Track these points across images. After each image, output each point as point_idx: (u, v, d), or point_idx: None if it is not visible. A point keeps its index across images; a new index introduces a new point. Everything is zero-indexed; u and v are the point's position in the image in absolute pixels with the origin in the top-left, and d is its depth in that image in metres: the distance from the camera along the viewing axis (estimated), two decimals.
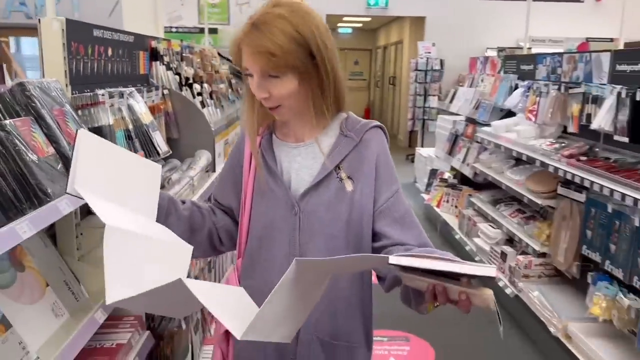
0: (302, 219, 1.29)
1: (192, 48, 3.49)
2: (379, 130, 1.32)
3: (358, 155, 1.28)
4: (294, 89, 1.21)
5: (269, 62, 1.16)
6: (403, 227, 1.28)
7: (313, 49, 1.19)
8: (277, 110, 1.26)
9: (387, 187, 1.30)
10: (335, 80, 1.24)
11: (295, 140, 1.34)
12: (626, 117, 2.82)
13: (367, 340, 1.39)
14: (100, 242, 1.93)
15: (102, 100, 1.83)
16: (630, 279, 2.67)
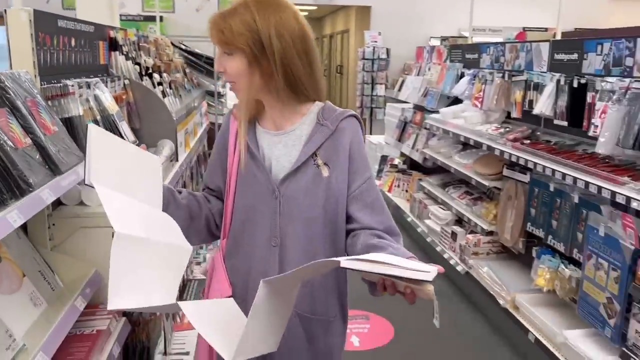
0: (282, 203, 1.38)
1: (147, 37, 3.47)
2: (354, 119, 1.42)
3: (333, 142, 1.38)
4: (243, 69, 1.33)
5: (219, 39, 1.33)
6: (372, 213, 1.39)
7: (264, 40, 1.30)
8: (234, 88, 1.40)
9: (360, 174, 1.40)
10: (288, 74, 1.33)
11: (275, 129, 1.43)
12: (565, 103, 3.05)
13: (342, 314, 1.49)
14: (73, 232, 1.96)
15: (72, 91, 1.84)
16: (571, 251, 2.91)
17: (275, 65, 1.32)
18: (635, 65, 2.65)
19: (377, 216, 1.39)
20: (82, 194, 1.94)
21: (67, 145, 1.71)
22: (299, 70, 1.35)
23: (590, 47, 3.01)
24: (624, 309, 2.41)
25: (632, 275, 2.34)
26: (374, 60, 9.25)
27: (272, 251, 1.40)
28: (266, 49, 1.31)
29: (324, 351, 1.43)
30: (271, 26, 1.31)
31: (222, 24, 1.32)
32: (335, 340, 1.45)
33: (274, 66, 1.32)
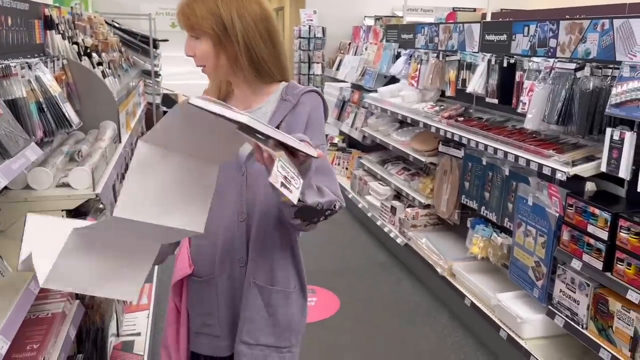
0: (248, 178, 1.43)
1: (81, 15, 3.35)
2: (315, 94, 1.47)
3: (294, 115, 1.44)
4: (209, 52, 1.39)
5: (185, 23, 1.39)
6: (317, 173, 1.38)
7: (226, 22, 1.36)
8: (204, 71, 1.44)
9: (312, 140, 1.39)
10: (252, 55, 1.39)
11: (243, 108, 1.47)
12: (496, 82, 3.24)
13: (301, 286, 1.56)
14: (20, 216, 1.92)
15: (15, 72, 1.78)
16: (502, 220, 3.13)
17: (238, 47, 1.38)
18: (558, 47, 2.86)
19: (322, 176, 1.39)
20: (29, 177, 1.90)
21: (12, 127, 1.67)
22: (262, 51, 1.40)
23: (518, 29, 3.20)
24: (549, 271, 2.64)
25: (557, 240, 2.56)
26: (310, 39, 9.26)
27: (239, 226, 1.45)
28: (229, 31, 1.36)
29: (283, 322, 1.50)
30: (233, 9, 1.36)
31: (187, 10, 1.37)
32: (294, 312, 1.53)
33: (237, 47, 1.38)
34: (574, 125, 2.52)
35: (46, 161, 2.05)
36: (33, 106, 1.89)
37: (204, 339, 1.54)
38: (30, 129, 1.84)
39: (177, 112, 1.09)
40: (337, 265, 4.17)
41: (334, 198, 1.34)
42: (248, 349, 1.46)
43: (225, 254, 1.47)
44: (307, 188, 1.25)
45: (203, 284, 1.51)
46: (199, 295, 1.52)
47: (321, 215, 1.34)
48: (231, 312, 1.50)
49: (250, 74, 1.43)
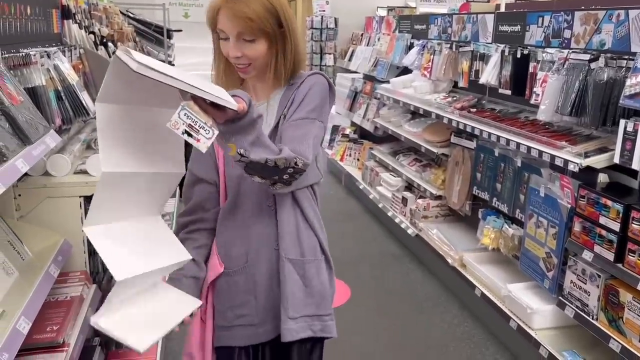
0: None
1: (97, 5, 3.39)
2: (319, 75, 1.50)
3: (296, 93, 1.47)
4: (264, 51, 1.40)
5: (246, 26, 1.35)
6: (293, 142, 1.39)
7: (281, 18, 1.39)
8: (246, 69, 1.43)
9: (299, 112, 1.44)
10: (295, 52, 1.45)
11: (256, 100, 1.50)
12: (509, 73, 3.22)
13: (325, 256, 1.61)
14: (39, 202, 1.97)
15: (34, 61, 1.82)
16: (514, 212, 3.13)
17: (291, 45, 1.42)
18: (572, 37, 2.84)
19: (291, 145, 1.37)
20: (48, 164, 1.94)
21: (33, 115, 1.71)
22: (300, 48, 1.46)
23: (532, 20, 3.19)
24: (560, 262, 2.64)
25: (569, 231, 2.57)
26: (322, 30, 9.25)
27: (269, 213, 1.50)
28: (285, 29, 1.40)
29: (319, 290, 1.55)
30: (284, 7, 1.40)
31: (247, 10, 1.34)
32: (325, 280, 1.57)
33: (290, 46, 1.42)
34: (588, 117, 2.51)
35: (64, 148, 2.10)
36: (52, 94, 1.93)
37: (238, 330, 1.56)
38: (50, 116, 1.88)
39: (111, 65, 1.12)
40: (348, 255, 4.19)
41: (290, 155, 1.32)
42: (295, 322, 1.50)
43: (260, 243, 1.52)
44: (252, 145, 1.25)
45: (237, 276, 1.54)
46: (232, 288, 1.55)
47: (281, 173, 1.32)
48: (270, 296, 1.53)
49: (288, 70, 1.45)
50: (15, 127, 1.56)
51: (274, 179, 1.35)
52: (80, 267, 2.00)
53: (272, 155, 1.30)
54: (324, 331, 1.55)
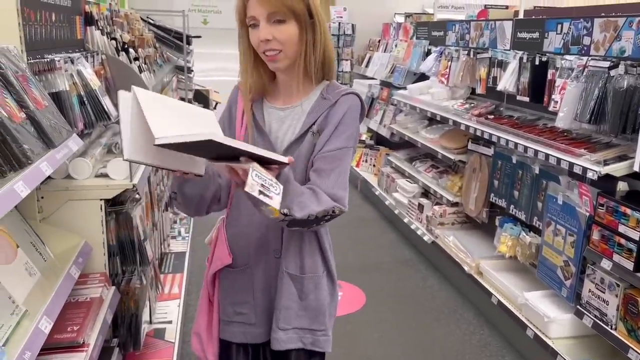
0: None
1: (118, 12, 3.45)
2: (355, 97, 1.48)
3: (330, 112, 1.45)
4: (294, 35, 1.39)
5: (278, 4, 1.34)
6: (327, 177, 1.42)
7: (312, 9, 1.39)
8: (276, 57, 1.40)
9: (336, 142, 1.44)
10: (325, 45, 1.44)
11: (283, 104, 1.51)
12: (527, 80, 3.21)
13: (328, 271, 1.60)
14: (61, 204, 2.01)
15: (59, 66, 1.86)
16: (531, 219, 3.11)
17: (321, 36, 1.41)
18: (592, 44, 2.82)
19: (326, 180, 1.41)
20: (70, 167, 1.98)
21: (57, 119, 1.75)
22: (329, 45, 1.45)
23: (551, 27, 3.17)
24: (578, 271, 2.62)
25: (587, 239, 2.54)
26: (339, 36, 9.27)
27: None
28: (315, 17, 1.40)
29: (314, 305, 1.54)
30: (314, 1, 1.40)
31: None
32: (324, 296, 1.57)
33: (319, 37, 1.41)
34: (607, 124, 2.49)
35: (86, 152, 2.14)
36: (75, 99, 1.97)
37: (236, 327, 1.58)
38: (73, 120, 1.92)
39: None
40: (363, 261, 4.20)
41: (329, 206, 1.37)
42: (284, 334, 1.51)
43: (260, 246, 1.52)
44: (291, 201, 1.30)
45: (238, 274, 1.56)
46: (234, 284, 1.57)
47: (319, 221, 1.39)
48: (267, 300, 1.55)
49: (316, 66, 1.44)
50: (40, 131, 1.59)
51: (312, 227, 1.41)
52: (99, 269, 2.03)
53: (311, 209, 1.34)
54: (315, 345, 1.54)
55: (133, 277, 2.18)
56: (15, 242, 1.72)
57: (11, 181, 1.31)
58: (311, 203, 1.35)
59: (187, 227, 4.13)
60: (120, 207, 2.09)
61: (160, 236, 3.17)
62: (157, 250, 3.07)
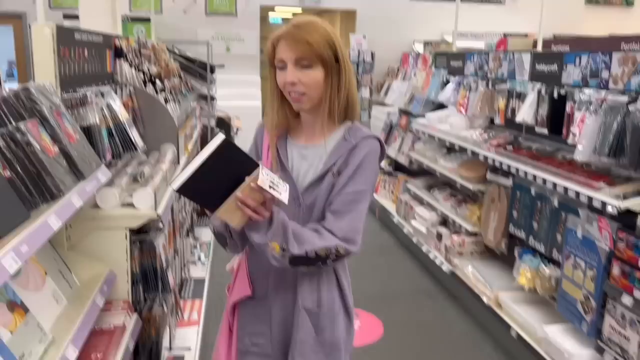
0: (304, 211, 1.51)
1: (145, 44, 3.57)
2: (375, 140, 1.52)
3: (350, 155, 1.49)
4: (320, 79, 1.44)
5: (305, 50, 1.41)
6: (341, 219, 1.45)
7: (338, 53, 1.45)
8: (300, 99, 1.46)
9: (354, 184, 1.48)
10: (349, 88, 1.49)
11: (305, 142, 1.56)
12: (546, 112, 3.23)
13: (345, 308, 1.62)
14: (88, 233, 2.07)
15: (90, 101, 1.94)
16: (551, 252, 3.10)
17: (345, 80, 1.47)
18: (610, 78, 2.84)
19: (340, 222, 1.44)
20: (97, 197, 2.05)
21: (87, 152, 1.83)
22: (353, 89, 1.50)
23: (570, 59, 3.20)
24: (599, 306, 2.59)
25: (607, 274, 2.52)
26: (358, 63, 9.38)
27: None
28: (341, 63, 1.45)
29: (330, 341, 1.57)
30: (340, 43, 1.46)
31: (307, 36, 1.41)
32: (340, 331, 1.59)
33: (344, 81, 1.46)
34: (626, 158, 2.49)
35: (112, 182, 2.21)
36: (104, 132, 2.05)
37: (253, 357, 1.61)
38: (101, 152, 2.00)
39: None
40: (381, 289, 4.19)
41: (331, 244, 1.41)
42: None
43: (279, 280, 1.55)
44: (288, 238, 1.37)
45: (257, 306, 1.59)
46: (252, 315, 1.60)
47: (323, 260, 1.43)
48: (284, 333, 1.57)
49: (340, 108, 1.49)
50: (71, 164, 1.66)
51: (318, 264, 1.44)
52: (123, 296, 2.08)
53: (313, 246, 1.39)
54: None
55: (155, 304, 2.23)
56: (44, 269, 1.78)
57: (44, 214, 1.37)
58: (311, 239, 1.41)
59: (206, 253, 4.18)
60: (145, 236, 2.15)
61: (180, 262, 3.22)
62: (178, 276, 3.12)
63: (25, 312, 1.53)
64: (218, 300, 3.40)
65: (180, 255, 3.25)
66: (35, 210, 1.45)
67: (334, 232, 1.44)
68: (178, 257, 3.08)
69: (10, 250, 1.15)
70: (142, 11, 8.80)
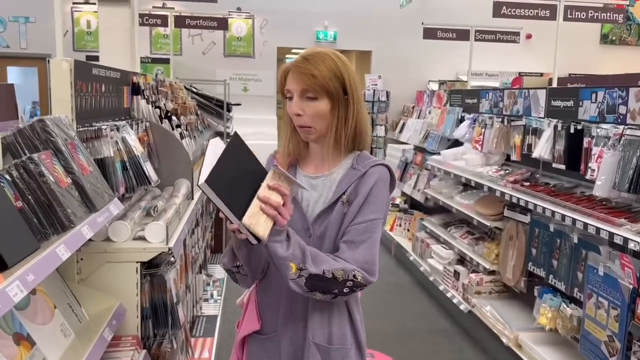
0: (314, 240, 1.49)
1: (163, 81, 3.64)
2: (384, 168, 1.50)
3: (360, 183, 1.48)
4: (325, 112, 1.44)
5: (310, 83, 1.41)
6: (355, 249, 1.43)
7: (347, 86, 1.45)
8: (306, 130, 1.47)
9: (366, 213, 1.46)
10: (357, 120, 1.48)
11: (314, 172, 1.55)
12: (562, 147, 3.19)
13: (357, 342, 1.57)
14: (99, 266, 2.06)
15: (105, 134, 1.96)
16: (572, 290, 3.00)
17: (353, 110, 1.46)
18: (628, 113, 2.81)
19: (355, 252, 1.43)
20: (109, 230, 2.04)
21: (100, 184, 1.83)
22: (363, 120, 1.49)
23: (586, 95, 3.18)
24: (624, 347, 2.48)
25: (632, 313, 2.43)
26: (374, 103, 9.47)
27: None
28: (349, 95, 1.45)
29: None
30: (350, 75, 1.46)
31: (313, 69, 1.41)
32: None
33: (352, 113, 1.46)
34: None
35: (125, 215, 2.21)
36: (118, 165, 2.07)
37: None
38: (115, 185, 2.01)
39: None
40: (397, 329, 4.09)
41: (348, 268, 1.39)
42: None
43: (289, 315, 1.52)
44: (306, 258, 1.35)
45: (266, 341, 1.55)
46: (261, 351, 1.56)
47: (340, 286, 1.39)
48: None
49: (348, 139, 1.48)
50: (83, 195, 1.67)
51: (334, 292, 1.40)
52: (132, 332, 2.05)
53: (330, 266, 1.37)
54: None
55: (164, 340, 2.19)
56: (53, 302, 1.76)
57: (53, 244, 1.37)
58: (329, 260, 1.39)
59: (219, 290, 4.14)
60: (155, 270, 2.13)
61: (192, 299, 3.18)
62: (189, 313, 3.08)
63: (32, 346, 1.51)
64: (230, 338, 3.34)
65: (193, 292, 3.21)
66: (45, 242, 1.44)
67: (349, 262, 1.42)
68: (190, 293, 3.05)
69: (16, 279, 1.14)
70: (162, 53, 9.06)
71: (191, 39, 9.24)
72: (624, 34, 10.17)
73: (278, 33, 9.23)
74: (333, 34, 9.60)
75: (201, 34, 9.19)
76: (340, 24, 9.58)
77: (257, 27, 9.40)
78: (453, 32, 6.54)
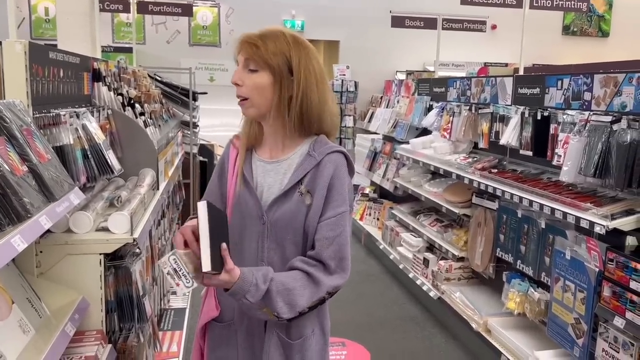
0: (268, 228, 1.45)
1: (126, 69, 3.52)
2: (340, 155, 1.48)
3: (317, 173, 1.44)
4: (263, 86, 1.42)
5: (251, 53, 1.41)
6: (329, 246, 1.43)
7: (293, 67, 1.41)
8: (244, 103, 1.45)
9: (333, 207, 1.44)
10: (304, 104, 1.43)
11: (270, 158, 1.51)
12: (529, 134, 3.23)
13: (321, 330, 1.54)
14: (60, 259, 1.97)
15: (64, 121, 1.87)
16: (539, 275, 3.05)
17: (297, 92, 1.42)
18: (593, 100, 2.85)
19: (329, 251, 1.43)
20: (70, 221, 1.96)
21: (59, 172, 1.75)
22: (312, 104, 1.44)
23: (551, 83, 3.22)
24: (590, 329, 2.53)
25: (598, 295, 2.47)
26: (342, 93, 9.45)
27: None
28: (294, 74, 1.41)
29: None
30: (301, 57, 1.43)
31: (258, 41, 1.41)
32: (312, 355, 1.51)
33: (295, 92, 1.42)
34: (612, 178, 2.48)
35: (87, 206, 2.12)
36: (78, 153, 1.98)
37: None
38: (75, 174, 1.92)
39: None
40: (367, 318, 4.09)
41: (321, 293, 1.40)
42: None
43: None
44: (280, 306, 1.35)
45: (224, 329, 1.53)
46: (220, 338, 1.54)
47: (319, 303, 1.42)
48: (251, 358, 1.50)
49: (293, 121, 1.44)
50: (41, 184, 1.59)
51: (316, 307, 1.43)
52: (96, 326, 1.97)
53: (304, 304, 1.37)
54: None
55: (130, 334, 2.12)
56: (11, 297, 1.68)
57: (8, 235, 1.29)
58: (300, 296, 1.37)
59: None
60: (120, 262, 2.06)
61: (160, 292, 3.10)
62: (157, 306, 3.00)
63: None
64: None
65: (160, 285, 3.13)
66: (0, 233, 1.36)
67: (324, 261, 1.41)
68: (157, 286, 2.97)
69: None
70: (124, 42, 8.81)
71: (155, 28, 9.02)
72: (585, 25, 10.40)
73: (245, 22, 9.08)
74: (300, 23, 9.51)
75: (165, 22, 8.99)
76: (307, 13, 9.50)
77: (223, 16, 9.25)
78: (421, 21, 6.55)
